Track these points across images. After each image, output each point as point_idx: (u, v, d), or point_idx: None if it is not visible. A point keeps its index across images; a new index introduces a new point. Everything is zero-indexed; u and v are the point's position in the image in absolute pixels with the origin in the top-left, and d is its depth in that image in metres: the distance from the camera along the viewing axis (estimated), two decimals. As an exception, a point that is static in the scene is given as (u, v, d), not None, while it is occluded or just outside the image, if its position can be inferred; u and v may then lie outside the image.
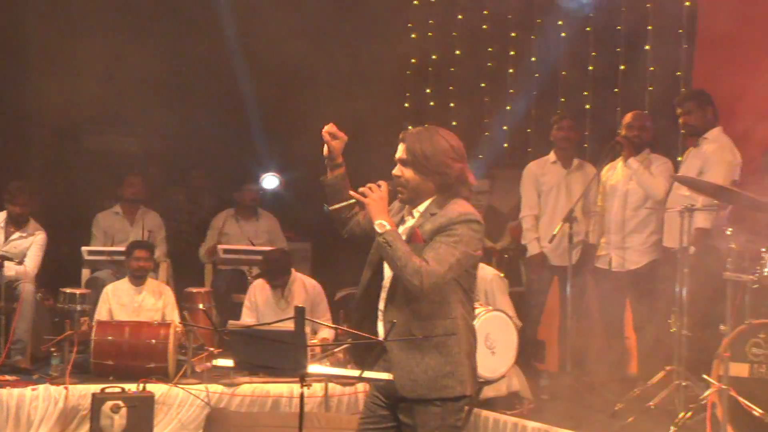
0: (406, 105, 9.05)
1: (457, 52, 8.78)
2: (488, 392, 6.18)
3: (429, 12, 8.91)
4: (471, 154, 8.62)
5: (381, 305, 3.91)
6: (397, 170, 3.88)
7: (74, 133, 9.94)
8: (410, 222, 3.88)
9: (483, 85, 8.74)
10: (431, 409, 3.78)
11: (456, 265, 3.72)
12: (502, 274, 6.72)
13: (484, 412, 6.31)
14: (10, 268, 7.33)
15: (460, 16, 8.83)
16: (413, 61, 9.04)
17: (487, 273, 6.54)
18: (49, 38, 9.11)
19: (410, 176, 3.83)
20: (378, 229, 3.75)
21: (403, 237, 3.80)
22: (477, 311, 5.68)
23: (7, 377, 6.75)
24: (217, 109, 9.01)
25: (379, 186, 3.83)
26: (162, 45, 9.33)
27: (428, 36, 8.97)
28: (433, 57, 8.91)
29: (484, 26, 8.70)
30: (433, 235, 3.76)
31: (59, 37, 8.88)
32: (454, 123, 8.83)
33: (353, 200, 3.93)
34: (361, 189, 3.86)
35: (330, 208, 4.05)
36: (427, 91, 8.95)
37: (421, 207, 3.86)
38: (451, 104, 8.87)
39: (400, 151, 3.86)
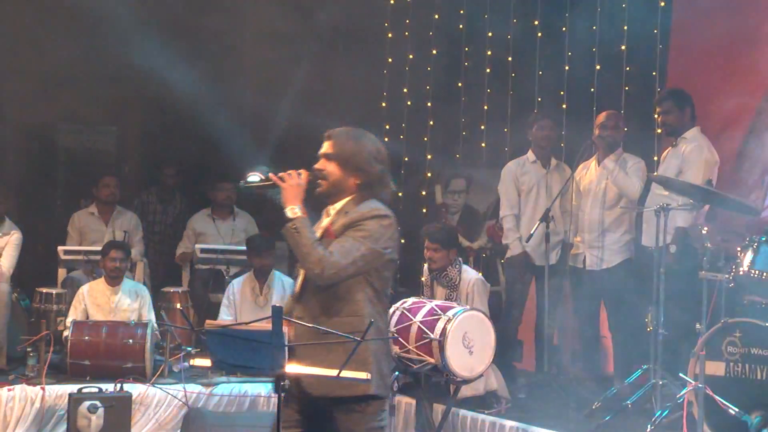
0: (383, 104, 9.04)
1: (434, 51, 8.79)
2: (465, 391, 6.20)
3: (405, 12, 8.91)
4: (448, 153, 8.75)
5: (296, 295, 3.97)
6: (320, 164, 3.94)
7: (49, 133, 9.87)
8: (326, 221, 3.94)
9: (460, 84, 8.75)
10: (350, 412, 3.79)
11: (360, 260, 3.75)
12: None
13: (462, 412, 6.33)
14: (-15, 270, 7.30)
15: (436, 16, 8.85)
16: (390, 60, 9.04)
17: (470, 275, 6.56)
18: (19, 35, 9.05)
19: (332, 171, 3.90)
20: (288, 214, 3.80)
21: (318, 234, 3.84)
22: (453, 310, 5.71)
23: (-17, 378, 6.74)
24: (194, 105, 8.95)
25: (299, 174, 3.87)
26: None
27: (404, 36, 8.97)
28: (410, 56, 8.91)
29: (461, 26, 8.71)
30: (343, 230, 3.81)
31: (28, 33, 8.82)
32: (431, 122, 8.86)
33: (269, 180, 3.93)
34: (280, 174, 3.90)
35: (244, 183, 4.08)
36: (404, 90, 8.94)
37: (338, 205, 3.91)
38: (428, 104, 8.87)
39: (326, 147, 3.94)
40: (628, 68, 7.54)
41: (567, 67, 7.98)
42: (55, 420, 6.47)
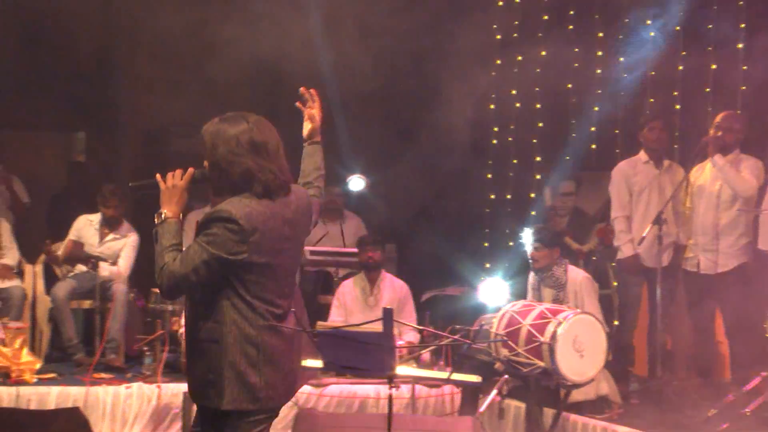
0: (492, 106, 9.00)
1: (543, 52, 8.70)
2: (576, 396, 6.12)
3: (514, 13, 8.84)
4: (557, 155, 8.64)
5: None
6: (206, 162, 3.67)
7: (164, 137, 10.12)
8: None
9: (569, 86, 8.64)
10: (213, 420, 3.58)
11: (203, 267, 3.44)
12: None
13: (573, 416, 6.25)
14: (104, 269, 7.50)
15: (545, 17, 8.75)
16: (498, 62, 8.99)
17: (577, 274, 6.50)
18: (139, 43, 9.31)
19: (207, 168, 3.63)
20: (155, 219, 3.61)
21: None
22: (564, 314, 5.64)
23: (103, 375, 6.92)
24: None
25: (181, 174, 3.63)
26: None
27: (513, 37, 8.91)
28: (519, 58, 8.84)
29: (570, 26, 8.60)
30: (197, 233, 3.53)
31: (148, 42, 9.05)
32: (540, 124, 8.78)
33: (154, 181, 3.68)
34: (169, 174, 3.65)
35: (131, 184, 3.85)
36: (512, 92, 8.88)
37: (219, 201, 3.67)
38: (537, 105, 8.79)
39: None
40: (744, 67, 7.33)
41: (680, 67, 7.80)
42: (171, 418, 6.61)
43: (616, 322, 7.43)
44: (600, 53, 8.43)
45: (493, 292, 7.12)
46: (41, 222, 8.77)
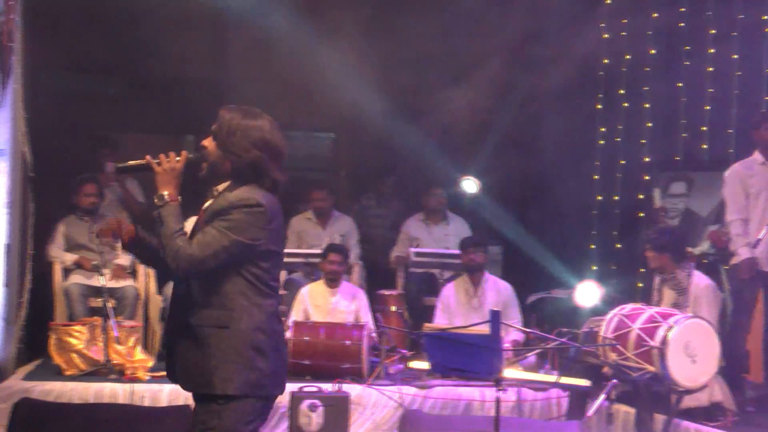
0: (599, 107, 8.85)
1: (652, 51, 8.52)
2: (688, 402, 5.97)
3: (621, 11, 8.68)
4: (667, 156, 8.45)
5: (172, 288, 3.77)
6: (206, 141, 3.69)
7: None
8: (206, 205, 3.69)
9: (679, 85, 8.43)
10: (212, 407, 3.53)
11: (223, 252, 3.48)
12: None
13: (684, 423, 6.10)
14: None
15: (654, 14, 8.56)
16: (605, 61, 8.84)
17: (701, 280, 6.38)
18: (247, 47, 9.47)
19: (212, 149, 3.66)
20: (156, 201, 3.57)
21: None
22: (675, 318, 5.51)
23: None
24: (414, 113, 9.08)
25: (177, 157, 3.63)
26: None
27: (621, 35, 8.74)
28: (627, 57, 8.68)
29: (680, 23, 8.40)
30: (212, 218, 3.55)
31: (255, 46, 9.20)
32: (648, 124, 8.59)
33: (144, 162, 3.65)
34: (160, 156, 3.63)
35: (118, 165, 3.74)
36: (620, 92, 8.72)
37: (221, 188, 3.67)
38: (646, 105, 8.61)
39: (215, 126, 3.68)
40: None
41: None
42: (278, 417, 6.68)
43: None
44: (712, 50, 8.20)
45: (586, 294, 7.03)
46: (134, 220, 8.97)
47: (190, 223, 3.67)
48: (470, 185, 8.96)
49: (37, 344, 7.19)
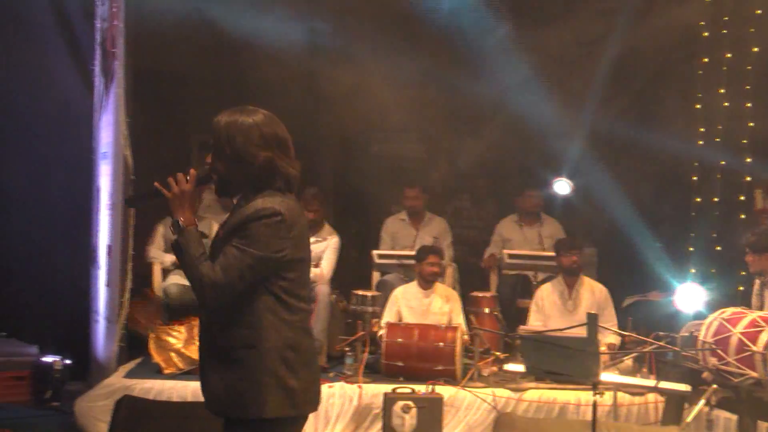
0: (697, 106, 8.67)
1: (755, 49, 8.30)
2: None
3: (723, 8, 8.48)
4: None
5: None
6: (210, 157, 3.49)
7: (362, 141, 10.31)
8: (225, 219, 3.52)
9: (782, 83, 8.21)
10: (235, 430, 3.37)
11: (248, 272, 3.29)
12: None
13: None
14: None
15: (758, 11, 8.34)
16: (705, 60, 8.65)
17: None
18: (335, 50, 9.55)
19: (218, 166, 3.45)
20: (173, 229, 3.40)
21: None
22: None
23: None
24: (502, 112, 9.04)
25: (187, 178, 3.44)
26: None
27: (721, 33, 8.54)
28: (728, 55, 8.47)
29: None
30: (230, 235, 3.36)
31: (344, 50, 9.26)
32: (750, 124, 8.38)
33: (153, 191, 3.50)
34: (169, 179, 3.45)
35: (127, 198, 3.68)
36: (720, 91, 8.52)
37: (236, 200, 3.51)
38: (748, 104, 8.39)
39: (213, 138, 3.47)
40: None
41: None
42: (372, 418, 6.71)
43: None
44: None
45: (688, 298, 6.88)
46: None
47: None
48: (563, 186, 8.86)
49: (137, 343, 7.36)
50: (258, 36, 8.50)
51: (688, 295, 6.92)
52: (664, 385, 3.58)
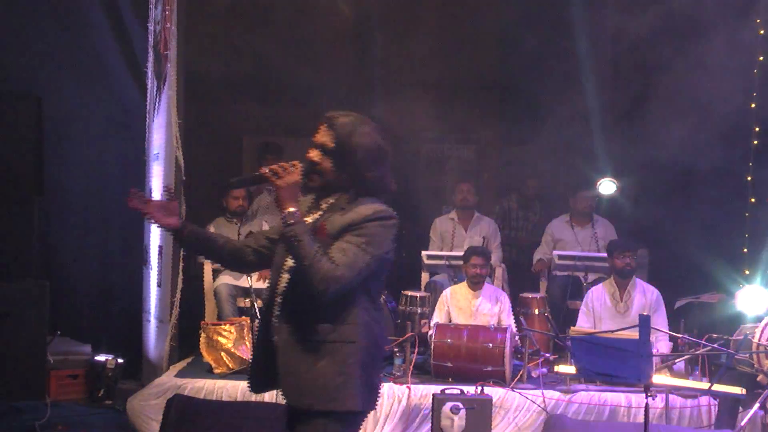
0: (753, 105, 8.53)
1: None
2: None
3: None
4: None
5: (277, 299, 3.55)
6: (315, 155, 3.55)
7: (413, 141, 10.32)
8: (316, 216, 3.56)
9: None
10: (318, 423, 3.42)
11: (365, 270, 3.40)
12: None
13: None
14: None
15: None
16: (761, 59, 8.52)
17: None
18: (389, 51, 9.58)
19: (328, 167, 3.53)
20: (287, 219, 3.40)
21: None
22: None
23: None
24: (550, 114, 9.00)
25: (292, 167, 3.47)
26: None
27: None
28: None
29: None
30: (341, 232, 3.42)
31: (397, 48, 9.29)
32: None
33: (258, 174, 3.53)
34: (272, 167, 3.48)
35: (232, 180, 3.67)
36: (778, 89, 8.38)
37: (331, 199, 3.55)
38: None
39: (326, 137, 3.54)
40: None
41: None
42: (420, 419, 6.71)
43: None
44: None
45: (752, 300, 6.76)
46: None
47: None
48: (609, 186, 8.78)
49: (188, 342, 7.43)
50: (307, 37, 8.56)
51: (752, 297, 6.80)
52: (718, 388, 3.52)
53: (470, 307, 7.57)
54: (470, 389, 6.44)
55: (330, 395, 3.43)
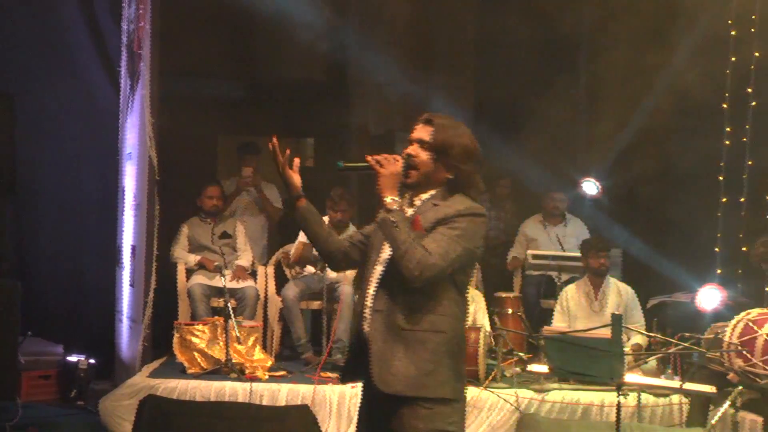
0: (725, 105, 8.60)
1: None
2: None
3: (751, 7, 8.40)
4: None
5: (370, 290, 3.68)
6: (413, 150, 3.69)
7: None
8: (410, 211, 3.68)
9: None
10: (418, 411, 3.54)
11: (456, 261, 3.54)
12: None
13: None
14: (332, 271, 7.71)
15: (786, 9, 8.26)
16: (732, 59, 8.58)
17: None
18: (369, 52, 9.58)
19: (425, 161, 3.67)
20: (387, 206, 3.54)
21: None
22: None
23: (329, 374, 7.10)
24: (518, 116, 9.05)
25: (395, 159, 3.63)
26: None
27: (750, 32, 8.47)
28: (756, 54, 8.40)
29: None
30: (434, 225, 3.57)
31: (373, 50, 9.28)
32: (778, 123, 8.31)
33: (366, 163, 3.66)
34: (376, 157, 3.64)
35: (343, 164, 3.74)
36: (748, 90, 8.44)
37: (424, 196, 3.69)
38: (776, 103, 8.32)
39: (423, 133, 3.69)
40: None
41: None
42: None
43: None
44: None
45: (710, 298, 6.84)
46: (272, 224, 9.11)
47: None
48: (591, 187, 8.83)
49: (162, 343, 7.40)
50: (285, 36, 8.53)
51: (709, 296, 6.88)
52: (690, 386, 3.55)
53: (446, 306, 7.56)
54: (444, 389, 6.43)
55: (421, 382, 3.55)
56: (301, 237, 8.00)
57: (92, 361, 7.63)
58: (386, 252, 3.67)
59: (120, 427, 6.58)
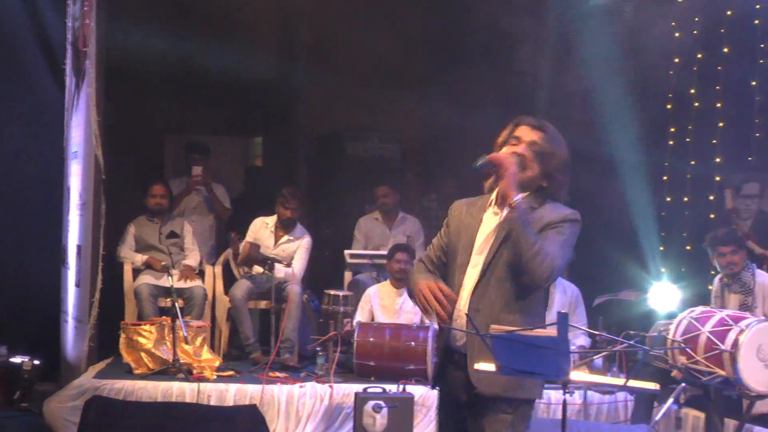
0: (669, 106, 8.71)
1: (726, 49, 8.34)
2: (761, 408, 5.86)
3: (694, 9, 8.52)
4: (740, 156, 8.27)
5: (465, 293, 3.73)
6: (524, 150, 3.72)
7: (337, 140, 10.31)
8: (504, 212, 3.70)
9: (753, 83, 8.25)
10: (501, 415, 3.63)
11: (563, 264, 3.64)
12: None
13: (757, 429, 5.98)
14: (280, 271, 7.69)
15: (729, 12, 8.38)
16: (676, 60, 8.70)
17: (765, 279, 6.30)
18: (316, 51, 9.56)
19: (533, 164, 3.73)
20: (514, 204, 3.58)
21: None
22: (746, 321, 5.42)
23: (278, 374, 7.09)
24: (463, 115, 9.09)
25: (511, 158, 3.68)
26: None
27: (693, 34, 8.59)
28: (699, 56, 8.52)
29: (756, 21, 8.21)
30: (542, 229, 3.63)
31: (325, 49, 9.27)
32: (720, 124, 8.43)
33: (490, 162, 3.68)
34: (499, 155, 3.69)
35: (477, 162, 3.69)
36: (692, 91, 8.57)
37: (517, 198, 3.67)
38: (718, 104, 8.44)
39: (535, 136, 3.73)
40: None
41: None
42: (343, 417, 6.71)
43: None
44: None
45: (663, 297, 6.92)
46: (220, 224, 9.06)
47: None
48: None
49: (108, 343, 7.32)
50: (231, 36, 8.48)
51: (662, 295, 6.96)
52: (634, 383, 3.58)
53: (394, 305, 7.59)
54: (393, 388, 6.46)
55: (518, 384, 3.64)
56: (248, 237, 7.98)
57: (37, 362, 7.50)
58: (482, 254, 3.70)
59: (65, 430, 6.50)
